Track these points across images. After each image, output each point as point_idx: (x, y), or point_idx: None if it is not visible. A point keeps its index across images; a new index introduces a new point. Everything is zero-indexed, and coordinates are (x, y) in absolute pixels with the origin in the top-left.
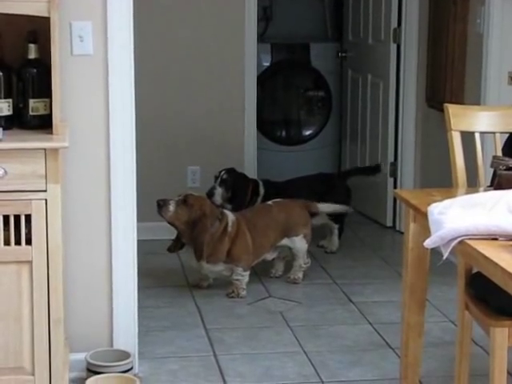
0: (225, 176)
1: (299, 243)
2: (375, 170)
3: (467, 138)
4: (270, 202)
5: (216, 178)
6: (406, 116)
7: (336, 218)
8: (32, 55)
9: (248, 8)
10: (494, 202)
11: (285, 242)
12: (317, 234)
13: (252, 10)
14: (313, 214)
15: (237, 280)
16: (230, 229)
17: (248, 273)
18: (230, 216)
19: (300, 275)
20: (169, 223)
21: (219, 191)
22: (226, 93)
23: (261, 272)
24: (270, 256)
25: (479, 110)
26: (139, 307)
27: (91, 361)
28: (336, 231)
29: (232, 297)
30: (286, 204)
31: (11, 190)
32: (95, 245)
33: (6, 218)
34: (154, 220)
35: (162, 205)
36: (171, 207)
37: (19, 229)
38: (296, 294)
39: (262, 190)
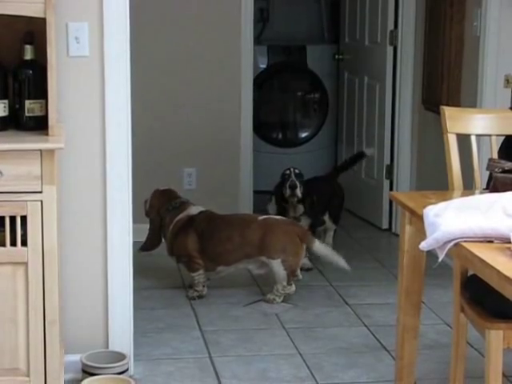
0: (297, 171)
1: (276, 267)
2: (360, 156)
3: (463, 140)
4: (260, 217)
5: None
6: (403, 118)
7: (333, 218)
8: (28, 56)
9: (245, 10)
10: (490, 204)
11: (264, 260)
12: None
13: (249, 11)
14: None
15: (192, 279)
16: (171, 225)
17: (196, 274)
18: (184, 213)
19: (276, 299)
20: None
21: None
22: (222, 94)
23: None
24: (255, 270)
25: (475, 112)
26: (135, 309)
27: (87, 362)
28: (331, 233)
29: (192, 298)
30: (271, 223)
31: (7, 192)
32: (91, 246)
33: (2, 219)
34: None
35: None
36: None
37: (15, 230)
38: (291, 296)
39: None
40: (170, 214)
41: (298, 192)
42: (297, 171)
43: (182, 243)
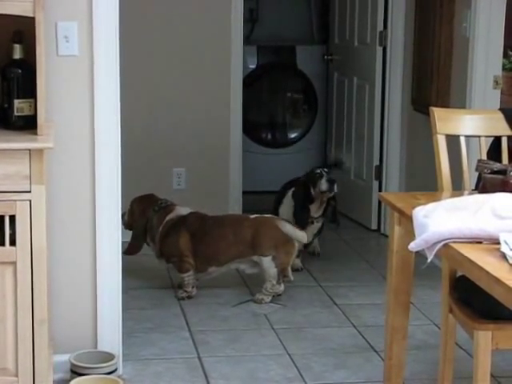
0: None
1: (266, 264)
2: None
3: (452, 141)
4: (251, 216)
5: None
6: (392, 119)
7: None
8: (17, 55)
9: (234, 10)
10: (479, 205)
11: (255, 259)
12: None
13: (238, 11)
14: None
15: (182, 280)
16: (161, 226)
17: (186, 275)
18: (174, 213)
19: (265, 298)
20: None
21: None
22: (211, 94)
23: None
24: (247, 270)
25: (464, 113)
26: (123, 309)
27: (75, 362)
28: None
29: (181, 298)
30: (260, 220)
31: None
32: (80, 246)
33: None
34: None
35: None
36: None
37: (3, 230)
38: (280, 296)
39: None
40: (157, 215)
41: (336, 187)
42: (326, 170)
43: (173, 242)
